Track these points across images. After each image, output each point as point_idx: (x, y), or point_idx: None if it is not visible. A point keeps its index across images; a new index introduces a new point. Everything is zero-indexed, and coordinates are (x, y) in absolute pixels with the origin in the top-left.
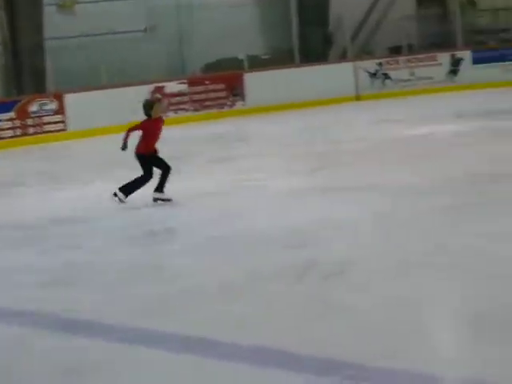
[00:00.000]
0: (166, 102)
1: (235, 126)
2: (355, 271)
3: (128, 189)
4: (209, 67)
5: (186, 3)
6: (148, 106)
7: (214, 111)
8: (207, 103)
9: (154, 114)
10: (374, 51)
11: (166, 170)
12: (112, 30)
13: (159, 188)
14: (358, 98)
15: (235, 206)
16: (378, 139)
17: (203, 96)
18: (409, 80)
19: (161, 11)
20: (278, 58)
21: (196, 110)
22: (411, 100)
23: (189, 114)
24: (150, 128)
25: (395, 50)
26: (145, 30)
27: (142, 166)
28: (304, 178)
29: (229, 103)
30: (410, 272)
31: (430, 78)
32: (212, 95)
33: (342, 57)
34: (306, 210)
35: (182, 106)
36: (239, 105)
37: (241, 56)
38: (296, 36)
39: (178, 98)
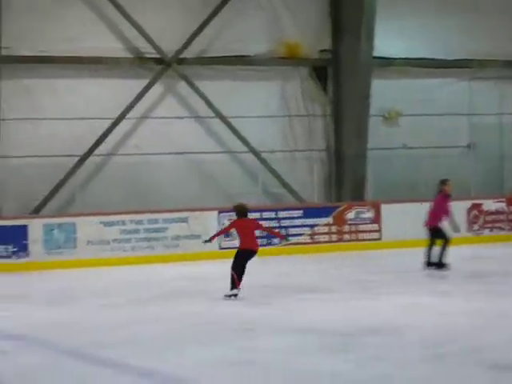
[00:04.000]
0: None
1: None
2: None
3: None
4: None
5: (509, 121)
6: None
7: None
8: None
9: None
10: None
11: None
12: (433, 145)
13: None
14: None
15: None
16: None
17: None
18: None
19: (483, 128)
20: None
21: None
22: None
23: (505, 232)
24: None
25: None
26: (468, 147)
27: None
28: None
29: None
30: None
31: None
32: None
33: None
34: None
35: (498, 225)
36: None
37: None
38: None
39: (494, 217)
